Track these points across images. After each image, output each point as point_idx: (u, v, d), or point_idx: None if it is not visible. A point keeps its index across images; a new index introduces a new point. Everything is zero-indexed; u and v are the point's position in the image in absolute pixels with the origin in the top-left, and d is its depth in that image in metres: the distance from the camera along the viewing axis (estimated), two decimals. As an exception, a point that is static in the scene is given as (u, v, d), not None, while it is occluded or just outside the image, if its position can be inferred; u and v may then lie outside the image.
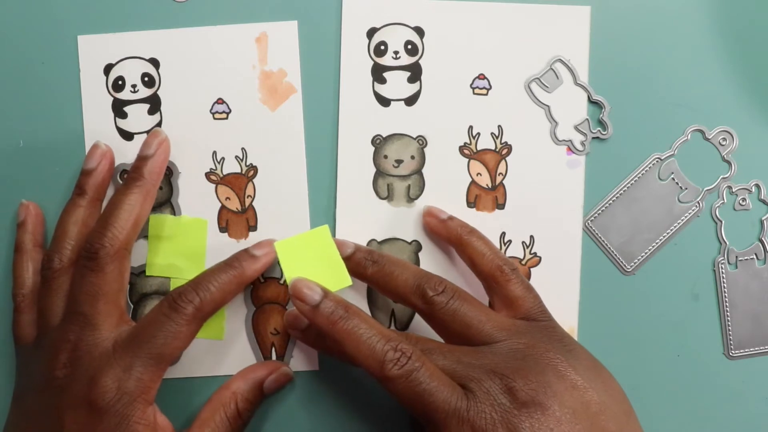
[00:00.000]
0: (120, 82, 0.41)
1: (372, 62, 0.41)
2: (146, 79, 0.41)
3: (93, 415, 0.34)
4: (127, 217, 0.37)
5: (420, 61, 0.41)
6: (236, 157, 0.41)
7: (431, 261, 0.41)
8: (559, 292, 0.41)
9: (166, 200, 0.41)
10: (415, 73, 0.41)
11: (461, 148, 0.41)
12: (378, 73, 0.41)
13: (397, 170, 0.41)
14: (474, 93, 0.41)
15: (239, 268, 0.38)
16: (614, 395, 0.34)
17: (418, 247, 0.41)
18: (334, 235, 0.41)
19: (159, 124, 0.41)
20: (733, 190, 0.41)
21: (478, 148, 0.41)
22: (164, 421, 0.36)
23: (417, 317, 0.41)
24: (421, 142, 0.41)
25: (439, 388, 0.32)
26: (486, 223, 0.41)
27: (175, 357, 0.36)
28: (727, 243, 0.41)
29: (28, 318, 0.38)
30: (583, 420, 0.32)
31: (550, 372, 0.33)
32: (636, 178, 0.41)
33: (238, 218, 0.41)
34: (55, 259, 0.38)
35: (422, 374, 0.32)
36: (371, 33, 0.41)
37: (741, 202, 0.41)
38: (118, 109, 0.41)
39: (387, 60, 0.41)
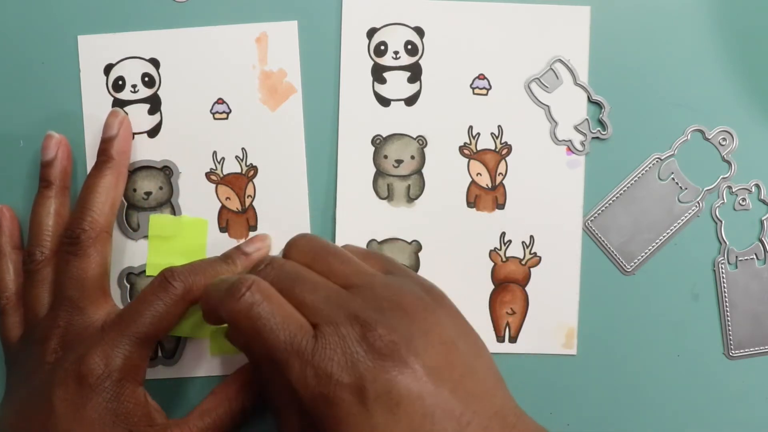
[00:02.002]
0: (120, 82, 0.41)
1: (372, 62, 0.41)
2: (146, 79, 0.41)
3: (83, 391, 0.34)
4: (104, 200, 0.38)
5: (420, 61, 0.41)
6: (236, 157, 0.41)
7: (431, 261, 0.41)
8: (559, 292, 0.41)
9: (166, 200, 0.41)
10: (415, 73, 0.41)
11: (461, 148, 0.41)
12: (378, 73, 0.41)
13: (397, 170, 0.41)
14: (474, 93, 0.41)
15: (233, 265, 0.38)
16: (482, 353, 0.33)
17: (418, 247, 0.41)
18: (333, 235, 0.41)
19: (159, 124, 0.41)
20: (733, 190, 0.41)
21: (478, 148, 0.41)
22: (156, 405, 0.36)
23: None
24: (421, 142, 0.41)
25: (283, 326, 0.31)
26: (486, 223, 0.41)
27: (159, 338, 0.36)
28: (727, 243, 0.41)
29: (14, 320, 0.38)
30: (447, 381, 0.31)
31: (416, 325, 0.32)
32: (636, 178, 0.41)
33: (238, 218, 0.41)
34: (37, 252, 0.38)
35: (264, 309, 0.31)
36: (371, 33, 0.41)
37: (741, 202, 0.41)
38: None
39: (387, 60, 0.41)
